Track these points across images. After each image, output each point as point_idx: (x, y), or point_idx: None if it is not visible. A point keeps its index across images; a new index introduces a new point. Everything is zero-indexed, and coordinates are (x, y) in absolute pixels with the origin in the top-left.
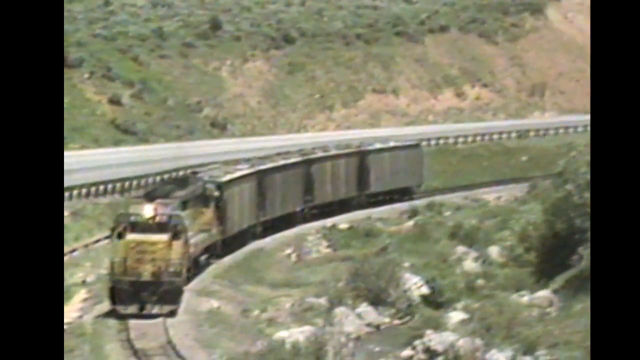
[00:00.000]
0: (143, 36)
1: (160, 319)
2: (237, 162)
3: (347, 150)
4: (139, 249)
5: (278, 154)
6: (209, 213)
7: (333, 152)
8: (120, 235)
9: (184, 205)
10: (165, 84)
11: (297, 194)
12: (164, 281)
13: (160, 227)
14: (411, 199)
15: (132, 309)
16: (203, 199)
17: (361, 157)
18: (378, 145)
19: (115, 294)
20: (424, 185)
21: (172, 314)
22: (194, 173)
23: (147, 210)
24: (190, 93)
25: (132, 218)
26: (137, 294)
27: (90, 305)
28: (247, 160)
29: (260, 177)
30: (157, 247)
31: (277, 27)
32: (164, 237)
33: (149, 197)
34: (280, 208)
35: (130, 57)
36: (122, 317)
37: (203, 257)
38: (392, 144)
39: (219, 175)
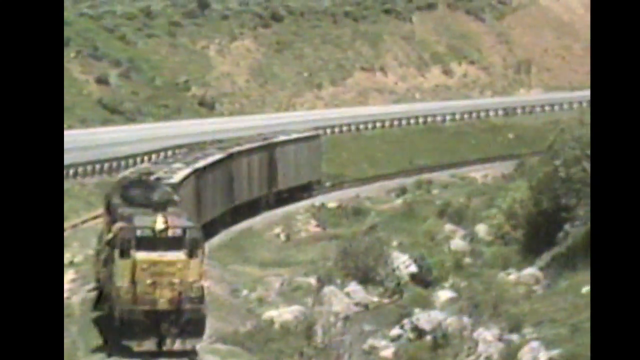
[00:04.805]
0: (130, 15)
1: None
2: (165, 156)
3: (258, 144)
4: (152, 270)
5: (192, 148)
6: None
7: (246, 145)
8: (123, 254)
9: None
10: (153, 63)
11: (222, 194)
12: (186, 309)
13: (175, 243)
14: (310, 196)
15: (149, 344)
16: (165, 204)
17: (270, 151)
18: (283, 137)
19: (125, 328)
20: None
21: (194, 352)
22: (149, 174)
23: (158, 223)
24: (177, 72)
25: (139, 232)
26: (154, 326)
27: (78, 285)
28: (172, 153)
29: (197, 177)
30: (175, 267)
31: (265, 6)
32: (181, 254)
33: (146, 204)
34: (211, 211)
35: (117, 36)
36: (137, 357)
37: None
38: (295, 135)
39: (164, 177)
